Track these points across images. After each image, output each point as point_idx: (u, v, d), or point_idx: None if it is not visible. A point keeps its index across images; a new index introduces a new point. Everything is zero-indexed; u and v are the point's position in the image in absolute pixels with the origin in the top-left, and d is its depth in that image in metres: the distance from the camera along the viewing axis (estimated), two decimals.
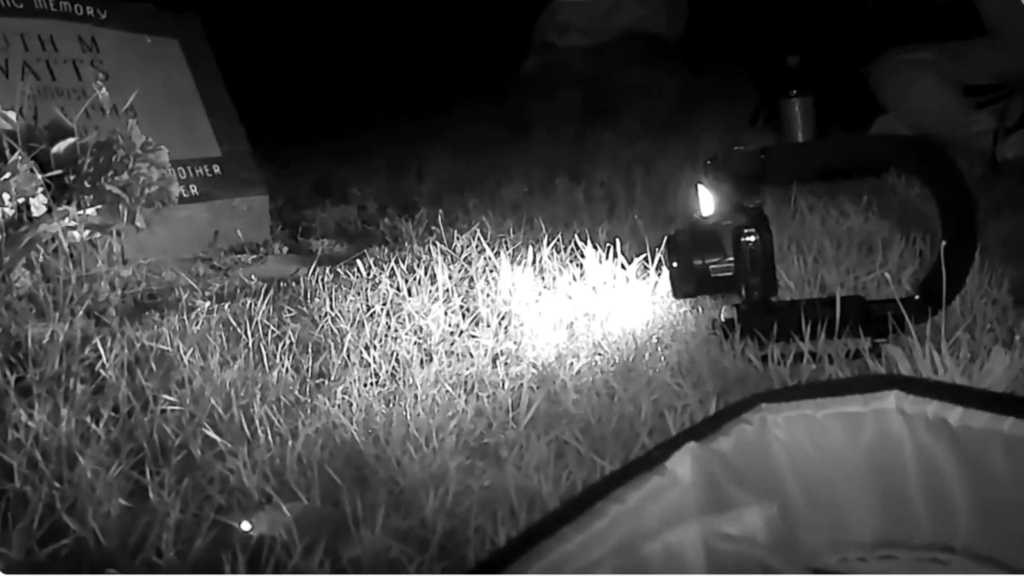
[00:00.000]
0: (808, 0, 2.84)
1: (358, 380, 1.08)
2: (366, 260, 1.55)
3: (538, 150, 2.68)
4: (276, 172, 2.25)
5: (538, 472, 0.85)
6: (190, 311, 1.32)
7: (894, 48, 2.48)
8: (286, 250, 1.86)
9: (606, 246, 1.42)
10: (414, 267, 1.46)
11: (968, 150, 2.14)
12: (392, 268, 1.45)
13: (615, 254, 1.39)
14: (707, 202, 1.18)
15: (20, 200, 1.32)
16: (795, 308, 1.10)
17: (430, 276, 1.40)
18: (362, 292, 1.39)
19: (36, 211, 1.35)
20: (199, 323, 1.26)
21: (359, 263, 1.52)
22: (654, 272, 1.34)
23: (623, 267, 1.35)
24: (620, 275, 1.34)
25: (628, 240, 1.49)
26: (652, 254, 1.36)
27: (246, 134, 2.05)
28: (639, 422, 0.94)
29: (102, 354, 1.12)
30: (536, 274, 1.39)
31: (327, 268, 1.55)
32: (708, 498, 0.58)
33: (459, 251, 1.53)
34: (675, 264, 1.14)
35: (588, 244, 1.42)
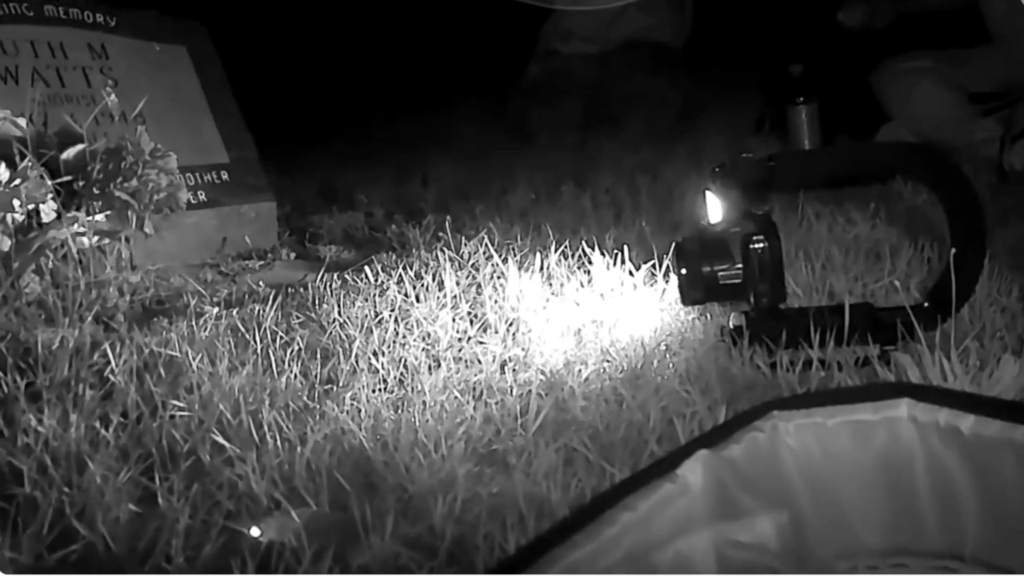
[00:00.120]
0: (813, 8, 2.85)
1: (366, 386, 1.08)
2: (374, 266, 1.55)
3: (542, 157, 2.69)
4: (283, 178, 2.25)
5: (547, 479, 0.85)
6: (198, 317, 1.32)
7: (898, 56, 2.48)
8: (294, 256, 1.87)
9: (613, 253, 1.42)
10: (422, 273, 1.46)
11: (973, 157, 2.13)
12: (400, 274, 1.46)
13: (623, 261, 1.39)
14: (715, 209, 1.19)
15: (30, 206, 1.33)
16: (804, 315, 1.10)
17: (438, 282, 1.40)
18: (370, 298, 1.39)
19: (46, 217, 1.35)
20: (207, 329, 1.27)
21: (367, 269, 1.53)
22: (662, 279, 1.34)
23: (631, 274, 1.35)
24: (628, 282, 1.34)
25: (635, 247, 1.49)
26: (660, 261, 1.36)
27: (253, 140, 2.06)
28: (648, 429, 0.94)
29: (111, 359, 1.13)
30: (544, 281, 1.39)
31: (335, 274, 1.55)
32: (719, 506, 0.58)
33: (467, 257, 1.53)
34: (683, 271, 1.14)
35: (595, 251, 1.42)
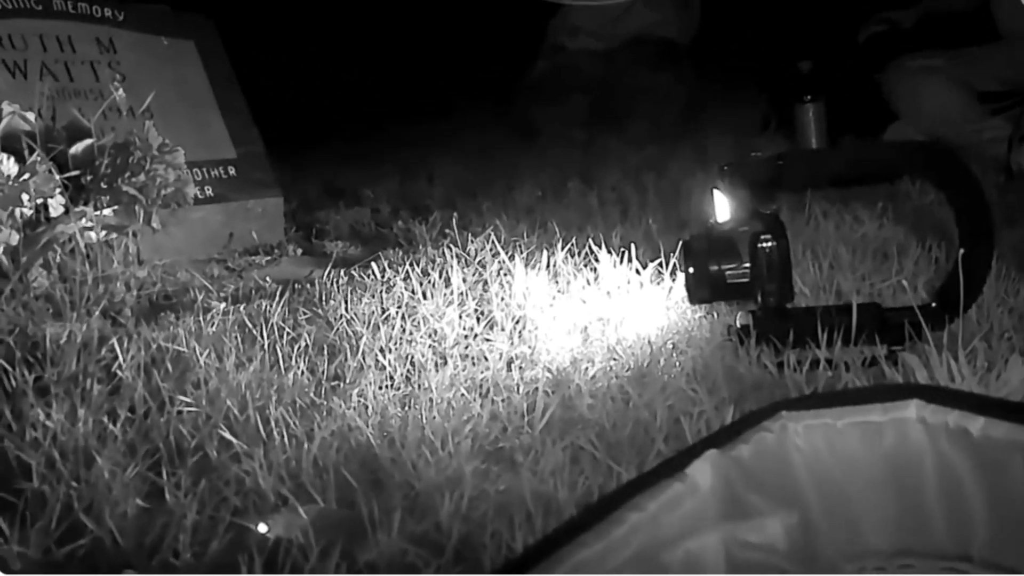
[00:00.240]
0: (821, 5, 2.84)
1: (373, 383, 1.08)
2: (381, 263, 1.55)
3: (548, 153, 2.68)
4: (290, 174, 2.26)
5: (554, 477, 0.85)
6: (205, 312, 1.32)
7: (907, 54, 2.47)
8: (300, 252, 1.87)
9: (620, 250, 1.42)
10: (428, 270, 1.46)
11: (981, 156, 2.13)
12: (407, 271, 1.46)
13: (629, 259, 1.38)
14: (723, 208, 1.18)
15: (38, 201, 1.33)
16: (811, 315, 1.10)
17: (444, 279, 1.40)
18: (377, 295, 1.39)
19: (54, 212, 1.36)
20: (215, 324, 1.27)
21: (373, 266, 1.53)
22: (669, 277, 1.34)
23: (637, 272, 1.35)
24: (634, 280, 1.33)
25: (642, 244, 1.49)
26: (667, 259, 1.36)
27: (260, 136, 2.06)
28: (654, 428, 0.94)
29: (119, 354, 1.13)
30: (550, 278, 1.39)
31: (342, 270, 1.56)
32: (728, 506, 0.58)
33: (473, 254, 1.53)
34: (691, 270, 1.14)
35: (602, 248, 1.42)
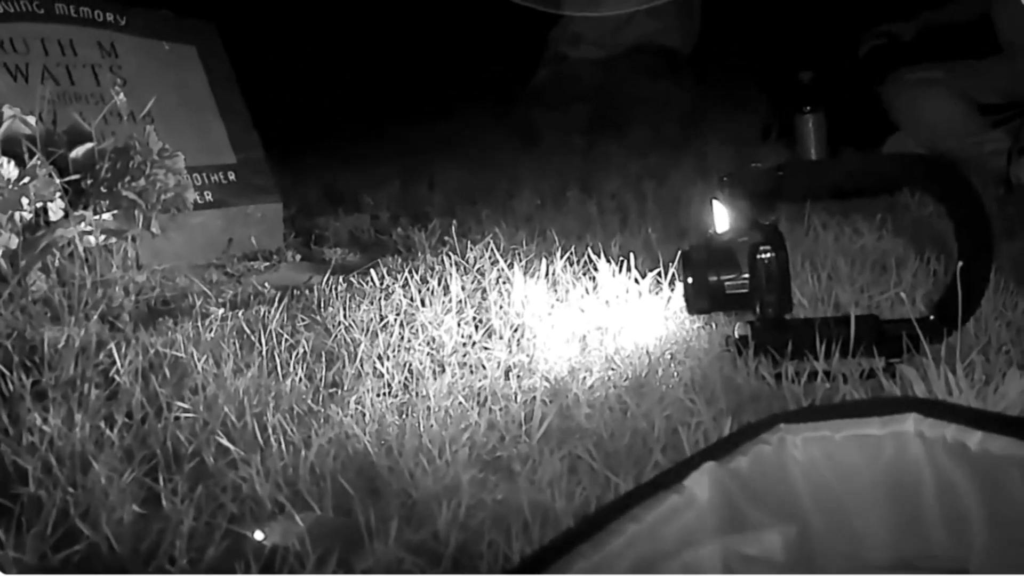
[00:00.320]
0: (822, 16, 2.85)
1: (371, 390, 1.08)
2: (379, 270, 1.55)
3: (548, 161, 2.69)
4: (289, 180, 2.26)
5: (551, 487, 0.85)
6: (204, 318, 1.32)
7: (907, 66, 2.48)
8: (299, 258, 1.87)
9: (619, 260, 1.42)
10: (427, 277, 1.46)
11: (981, 169, 2.13)
12: (405, 278, 1.46)
13: (628, 268, 1.38)
14: (722, 218, 1.19)
15: (38, 204, 1.33)
16: (809, 326, 1.10)
17: (443, 287, 1.40)
18: (375, 302, 1.39)
19: (53, 215, 1.35)
20: (213, 330, 1.27)
21: (372, 273, 1.53)
22: (668, 287, 1.34)
23: (636, 281, 1.35)
24: (633, 289, 1.34)
25: (641, 254, 1.49)
26: (666, 269, 1.36)
27: (260, 141, 2.06)
28: (652, 438, 0.94)
29: (116, 359, 1.13)
30: (549, 287, 1.39)
31: (340, 277, 1.56)
32: (725, 518, 0.58)
33: (472, 262, 1.53)
34: (690, 280, 1.14)
35: (601, 257, 1.42)
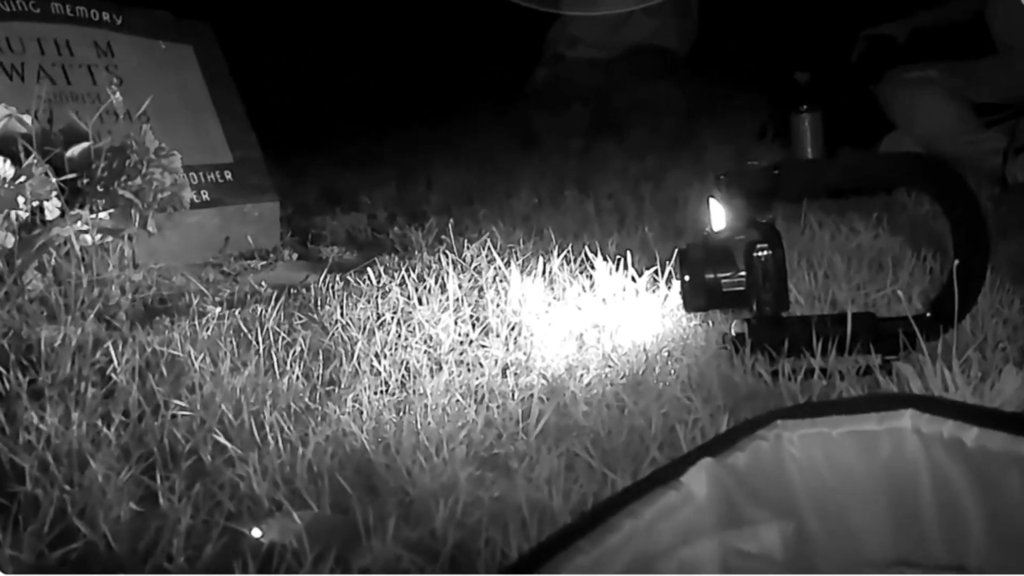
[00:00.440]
0: (819, 17, 2.85)
1: (368, 388, 1.08)
2: (376, 268, 1.55)
3: (546, 161, 2.69)
4: (286, 179, 2.26)
5: (548, 484, 0.85)
6: (200, 316, 1.32)
7: (903, 66, 2.48)
8: (296, 257, 1.87)
9: (616, 258, 1.42)
10: (424, 276, 1.46)
11: (977, 168, 2.13)
12: (402, 276, 1.46)
13: (625, 266, 1.39)
14: (719, 217, 1.19)
15: (34, 203, 1.33)
16: (806, 324, 1.10)
17: (440, 285, 1.40)
18: (372, 300, 1.39)
19: (50, 214, 1.35)
20: (210, 329, 1.26)
21: (369, 271, 1.53)
22: (664, 285, 1.34)
23: (633, 279, 1.35)
24: (630, 287, 1.34)
25: (638, 252, 1.49)
26: (662, 267, 1.36)
27: (257, 141, 2.06)
28: (649, 436, 0.94)
29: (113, 358, 1.12)
30: (546, 285, 1.39)
31: (337, 276, 1.56)
32: (723, 514, 0.58)
33: (469, 261, 1.53)
34: (687, 278, 1.14)
35: (598, 256, 1.42)
